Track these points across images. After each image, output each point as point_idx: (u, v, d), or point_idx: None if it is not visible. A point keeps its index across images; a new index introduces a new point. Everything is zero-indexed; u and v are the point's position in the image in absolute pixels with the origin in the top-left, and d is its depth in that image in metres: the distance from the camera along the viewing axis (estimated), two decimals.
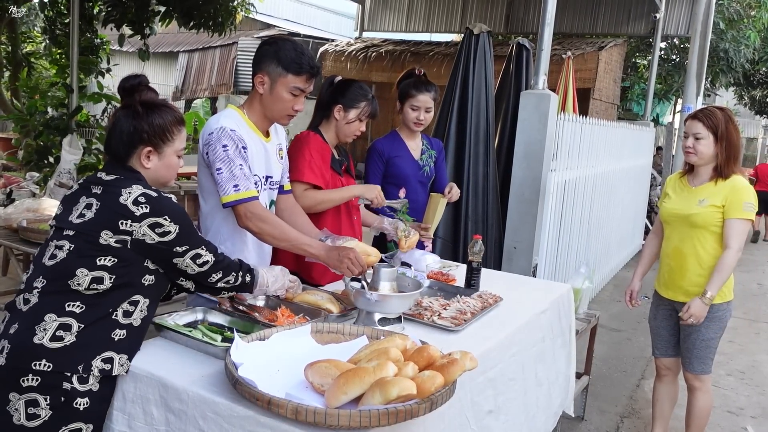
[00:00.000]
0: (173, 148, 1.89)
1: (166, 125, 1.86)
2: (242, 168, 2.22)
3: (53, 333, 1.68)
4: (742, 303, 6.51)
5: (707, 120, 2.86)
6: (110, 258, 1.74)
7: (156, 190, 1.81)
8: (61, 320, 1.69)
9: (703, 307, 2.83)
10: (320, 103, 2.87)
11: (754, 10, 12.38)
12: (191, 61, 16.73)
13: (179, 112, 1.92)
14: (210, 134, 2.25)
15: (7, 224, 4.28)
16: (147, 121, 1.82)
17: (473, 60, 4.60)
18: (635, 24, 10.15)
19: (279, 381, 1.56)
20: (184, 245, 1.82)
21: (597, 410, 3.84)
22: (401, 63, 10.14)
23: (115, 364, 1.73)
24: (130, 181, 1.81)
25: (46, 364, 1.65)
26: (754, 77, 16.58)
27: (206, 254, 1.87)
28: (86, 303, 1.72)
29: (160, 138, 1.85)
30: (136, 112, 1.83)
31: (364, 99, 2.81)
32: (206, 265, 1.88)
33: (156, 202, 1.77)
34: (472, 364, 1.55)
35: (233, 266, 1.97)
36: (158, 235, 1.77)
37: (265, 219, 2.24)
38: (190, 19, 7.70)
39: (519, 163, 4.35)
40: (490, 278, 3.00)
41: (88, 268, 1.72)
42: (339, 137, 2.85)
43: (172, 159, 1.90)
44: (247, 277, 2.00)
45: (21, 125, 7.93)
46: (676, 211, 2.98)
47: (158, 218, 1.76)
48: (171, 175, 1.93)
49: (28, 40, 11.52)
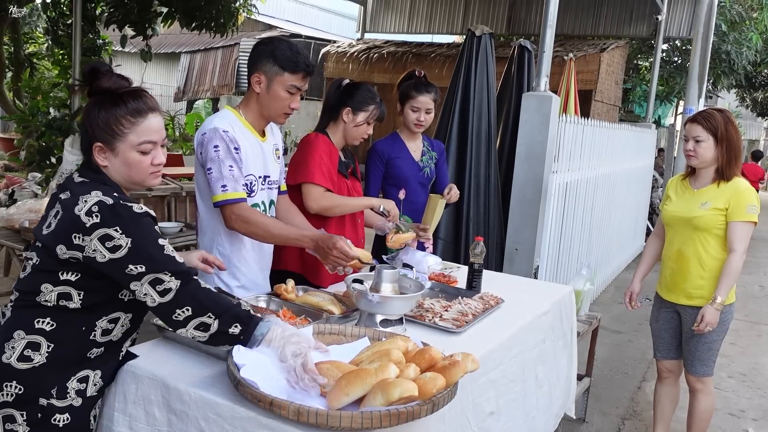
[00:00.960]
0: (128, 144, 1.61)
1: (114, 117, 1.59)
2: (231, 169, 2.23)
3: (21, 352, 1.55)
4: (744, 305, 6.50)
5: (706, 122, 2.86)
6: (73, 272, 1.57)
7: (117, 195, 1.57)
8: (30, 338, 1.56)
9: (715, 313, 2.83)
10: (328, 106, 2.88)
11: (756, 12, 12.38)
12: (193, 62, 16.76)
13: (147, 100, 1.64)
14: (203, 134, 2.27)
15: (9, 225, 4.29)
16: (93, 114, 1.60)
17: (475, 61, 4.60)
18: (637, 26, 10.15)
19: (281, 382, 1.56)
20: (140, 264, 1.52)
21: (598, 412, 3.84)
22: (403, 64, 10.14)
23: (89, 383, 1.63)
24: (91, 185, 1.59)
25: (17, 386, 1.55)
26: (756, 79, 16.58)
27: (170, 281, 1.54)
28: (57, 320, 1.58)
29: (107, 132, 1.59)
30: (88, 106, 1.62)
31: (373, 102, 2.83)
32: (168, 295, 1.54)
33: (108, 211, 1.53)
34: (473, 365, 1.56)
35: (215, 306, 1.57)
36: (109, 250, 1.51)
37: (248, 220, 2.23)
38: (193, 20, 7.72)
39: (520, 164, 4.35)
40: (492, 280, 3.00)
41: (51, 284, 1.57)
42: (346, 140, 2.86)
43: (129, 156, 1.62)
44: (234, 328, 1.56)
45: (23, 126, 7.95)
46: (678, 214, 2.97)
47: (108, 229, 1.51)
48: (137, 174, 1.66)
49: (31, 40, 11.56)
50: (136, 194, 5.06)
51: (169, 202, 5.38)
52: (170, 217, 5.35)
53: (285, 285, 2.34)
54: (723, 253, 2.89)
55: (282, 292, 2.31)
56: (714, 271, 2.89)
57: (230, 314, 1.58)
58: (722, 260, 2.89)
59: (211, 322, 1.56)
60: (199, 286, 1.59)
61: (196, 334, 1.57)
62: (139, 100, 1.63)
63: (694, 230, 2.91)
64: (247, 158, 2.32)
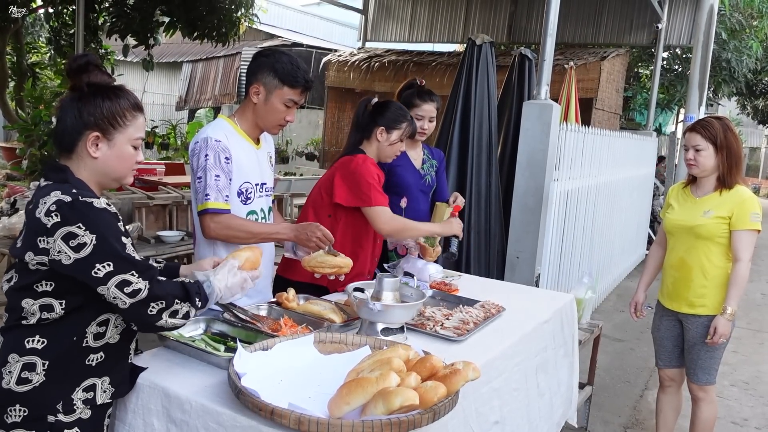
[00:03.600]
0: (126, 136, 1.63)
1: (118, 108, 1.61)
2: (218, 179, 2.24)
3: (18, 375, 1.54)
4: (746, 313, 6.49)
5: (705, 131, 2.86)
6: (47, 282, 1.54)
7: (76, 192, 1.53)
8: (24, 360, 1.54)
9: (727, 324, 2.82)
10: (359, 125, 2.88)
11: (756, 20, 12.40)
12: (195, 71, 16.82)
13: (135, 96, 1.68)
14: (196, 143, 2.29)
15: (11, 234, 4.29)
16: (94, 103, 1.59)
17: (476, 70, 4.62)
18: (637, 34, 10.16)
19: (282, 391, 1.55)
20: (106, 262, 1.49)
21: (600, 421, 3.82)
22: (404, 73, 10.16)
23: (97, 391, 1.62)
24: (51, 187, 1.55)
25: (21, 408, 1.54)
26: (757, 87, 16.60)
27: (138, 281, 1.52)
28: (46, 336, 1.56)
29: (109, 122, 1.60)
30: (83, 94, 1.59)
31: (405, 120, 2.85)
32: (139, 295, 1.53)
33: (68, 208, 1.49)
34: (474, 374, 1.55)
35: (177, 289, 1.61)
36: (73, 249, 1.47)
37: (228, 225, 2.25)
38: (194, 30, 7.77)
39: (521, 172, 4.35)
40: (493, 288, 3.00)
41: (32, 298, 1.54)
42: (380, 158, 2.88)
43: (125, 149, 1.63)
44: (197, 301, 1.64)
45: (25, 135, 7.99)
46: (680, 223, 2.97)
47: (71, 227, 1.47)
48: (124, 168, 1.66)
49: (33, 50, 11.61)
50: (138, 202, 5.07)
51: (171, 210, 5.38)
52: (171, 226, 5.36)
53: (286, 293, 2.34)
54: (725, 261, 2.88)
55: (283, 300, 2.31)
56: (716, 279, 2.88)
57: (192, 291, 1.63)
58: (724, 269, 2.88)
59: (179, 307, 1.59)
60: (161, 279, 1.61)
61: (172, 321, 1.59)
62: (132, 96, 1.67)
63: (696, 239, 2.91)
64: (243, 166, 2.33)
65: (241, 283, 1.77)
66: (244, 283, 1.78)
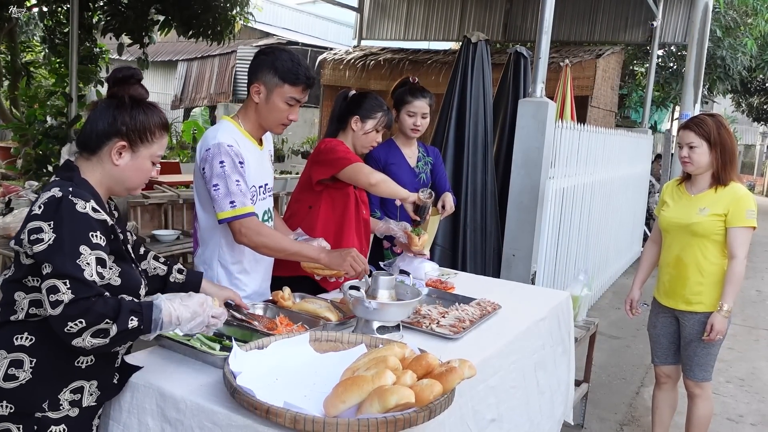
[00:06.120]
0: (150, 152, 1.69)
1: (150, 124, 1.67)
2: (239, 184, 2.21)
3: (5, 372, 1.55)
4: (741, 310, 6.51)
5: (698, 128, 2.87)
6: (35, 278, 1.55)
7: (72, 190, 1.55)
8: (12, 356, 1.56)
9: (724, 321, 2.83)
10: (335, 116, 2.91)
11: (751, 17, 12.42)
12: (190, 70, 16.79)
13: (165, 116, 1.76)
14: (207, 150, 2.23)
15: (6, 233, 4.27)
16: (130, 114, 1.65)
17: (471, 68, 4.62)
18: (632, 32, 10.17)
19: (277, 390, 1.55)
20: (48, 263, 1.46)
21: (596, 418, 3.83)
22: (399, 71, 10.15)
23: (84, 393, 1.62)
24: (55, 183, 1.59)
25: (8, 405, 1.55)
26: (752, 84, 16.65)
27: (65, 292, 1.44)
28: (34, 334, 1.57)
29: (139, 135, 1.66)
30: (121, 103, 1.65)
31: (380, 110, 2.86)
32: (58, 308, 1.43)
33: (53, 204, 1.51)
34: (470, 372, 1.55)
35: (112, 310, 1.47)
36: (31, 243, 1.48)
37: (261, 232, 2.23)
38: (189, 28, 7.73)
39: (517, 170, 4.36)
40: (489, 286, 3.00)
41: (24, 291, 1.57)
42: (356, 148, 2.88)
43: (145, 163, 1.70)
44: (132, 321, 1.49)
45: (20, 134, 7.95)
46: (675, 220, 2.97)
47: (43, 222, 1.49)
48: (139, 180, 1.72)
49: (28, 49, 11.54)
50: (134, 201, 5.06)
51: (166, 209, 5.37)
52: (167, 225, 5.34)
53: (282, 292, 2.33)
54: (721, 258, 2.89)
55: (279, 299, 2.31)
56: (713, 276, 2.89)
57: (126, 310, 1.50)
58: (721, 266, 2.89)
59: (109, 327, 1.46)
60: (100, 302, 1.47)
61: (94, 342, 1.46)
62: (164, 117, 1.73)
63: (692, 236, 2.91)
64: (251, 170, 2.30)
65: (203, 322, 1.65)
66: (205, 323, 1.67)
